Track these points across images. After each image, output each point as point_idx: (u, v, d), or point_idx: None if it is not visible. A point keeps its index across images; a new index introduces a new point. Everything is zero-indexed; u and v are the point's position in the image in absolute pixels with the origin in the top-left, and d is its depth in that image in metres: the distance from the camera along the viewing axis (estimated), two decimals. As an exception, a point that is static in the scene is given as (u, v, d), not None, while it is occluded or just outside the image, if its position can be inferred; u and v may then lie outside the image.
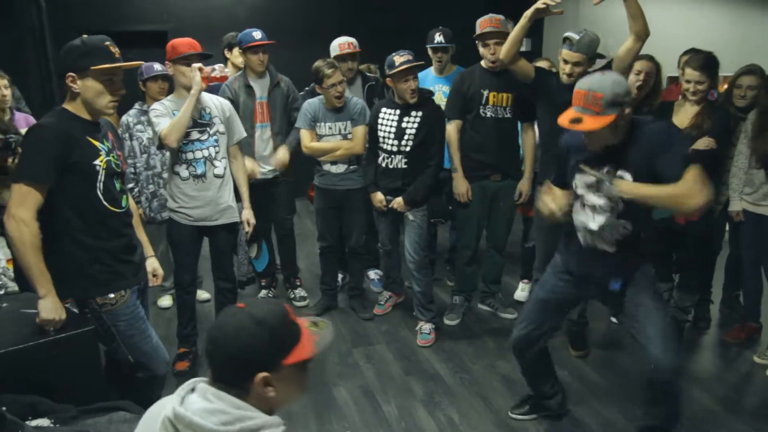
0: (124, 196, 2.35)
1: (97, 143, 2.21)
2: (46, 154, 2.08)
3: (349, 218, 3.94)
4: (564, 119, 2.21)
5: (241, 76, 3.91)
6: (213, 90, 3.95)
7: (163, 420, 1.28)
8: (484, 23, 3.54)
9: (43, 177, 2.09)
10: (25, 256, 2.08)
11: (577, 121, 2.17)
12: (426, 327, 3.79)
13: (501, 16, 3.55)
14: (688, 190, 2.05)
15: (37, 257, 2.09)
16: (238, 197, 3.41)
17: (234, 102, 3.79)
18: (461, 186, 3.72)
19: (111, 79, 2.16)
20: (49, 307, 2.13)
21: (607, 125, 2.14)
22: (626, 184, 2.19)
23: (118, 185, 2.31)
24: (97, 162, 2.18)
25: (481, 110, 3.62)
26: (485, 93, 3.58)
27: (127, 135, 3.85)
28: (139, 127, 3.86)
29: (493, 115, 3.62)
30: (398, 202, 3.63)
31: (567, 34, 3.12)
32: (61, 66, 2.15)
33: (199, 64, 3.06)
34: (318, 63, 3.63)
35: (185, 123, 3.06)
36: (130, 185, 3.84)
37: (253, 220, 3.42)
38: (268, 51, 3.85)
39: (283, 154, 3.93)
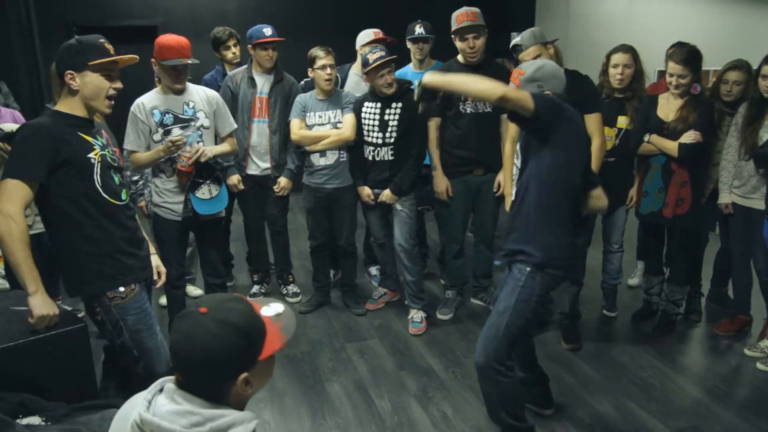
0: (124, 190, 2.35)
1: (89, 138, 2.21)
2: (33, 151, 2.08)
3: (339, 217, 3.94)
4: None
5: (245, 69, 3.89)
6: (209, 84, 3.94)
7: (131, 424, 1.25)
8: (460, 17, 3.52)
9: (31, 173, 2.08)
10: (13, 252, 2.06)
11: None
12: (417, 316, 3.84)
13: (477, 9, 3.54)
14: (493, 84, 2.27)
15: (26, 253, 2.08)
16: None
17: (234, 94, 3.79)
18: (441, 184, 3.73)
19: (108, 74, 2.20)
20: (40, 304, 2.12)
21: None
22: (428, 74, 2.43)
23: (116, 178, 2.31)
24: (91, 155, 2.19)
25: (461, 106, 3.62)
26: None
27: None
28: None
29: (473, 110, 3.62)
30: (386, 194, 3.67)
31: (512, 43, 3.20)
32: (59, 66, 2.18)
33: (177, 139, 3.06)
34: (314, 48, 3.68)
35: (148, 166, 3.24)
36: (135, 177, 3.82)
37: (210, 154, 3.22)
38: (278, 48, 3.84)
39: (285, 183, 3.97)
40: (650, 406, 2.98)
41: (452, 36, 3.59)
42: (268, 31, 3.78)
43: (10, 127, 3.30)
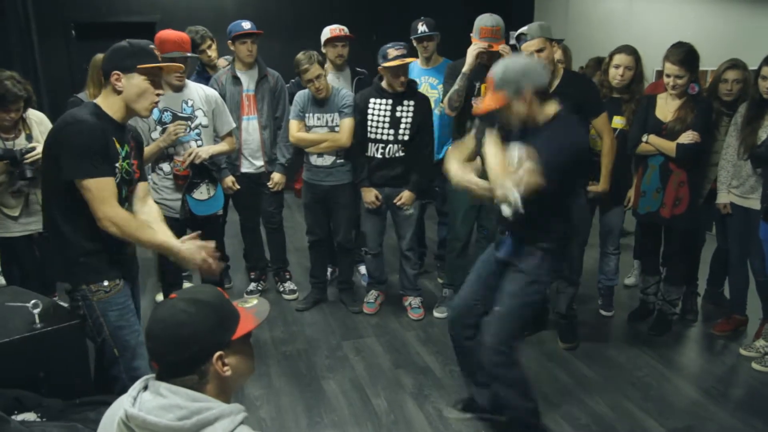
0: (126, 204, 2.35)
1: (118, 146, 2.22)
2: (96, 148, 2.11)
3: (337, 214, 3.94)
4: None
5: (229, 69, 3.89)
6: (205, 81, 3.94)
7: (117, 423, 1.25)
8: (484, 32, 3.37)
9: (104, 168, 2.12)
10: (141, 241, 2.20)
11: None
12: (415, 302, 4.00)
13: (501, 23, 3.39)
14: (494, 184, 2.26)
15: (149, 234, 2.21)
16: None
17: (221, 95, 3.78)
18: None
19: (153, 80, 2.22)
20: (190, 255, 2.22)
21: (497, 102, 2.32)
22: (454, 171, 2.46)
23: (124, 192, 2.31)
24: (116, 165, 2.21)
25: (473, 101, 3.61)
26: (477, 84, 3.57)
27: None
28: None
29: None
30: (407, 196, 3.72)
31: (518, 32, 3.17)
32: (107, 66, 2.20)
33: (180, 125, 3.12)
34: (299, 56, 3.62)
35: (149, 161, 3.16)
36: None
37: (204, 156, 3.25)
38: (257, 42, 3.82)
39: (279, 178, 3.97)
40: (646, 406, 2.98)
41: (471, 35, 3.53)
42: (246, 24, 3.76)
43: None
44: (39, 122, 3.25)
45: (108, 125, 2.18)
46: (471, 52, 3.34)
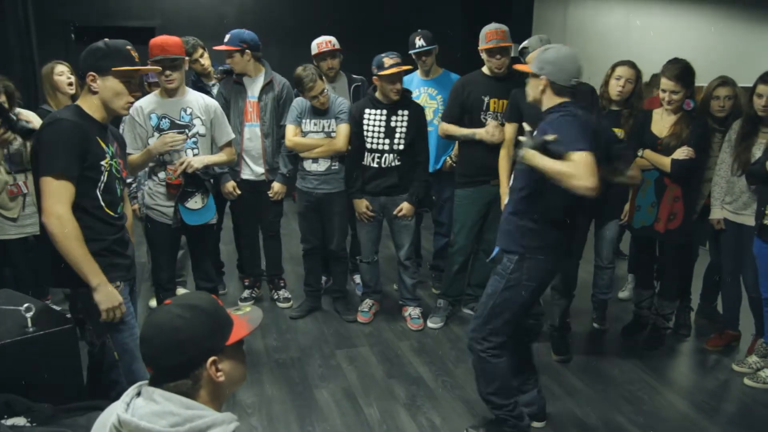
0: (121, 204, 2.36)
1: (103, 145, 2.24)
2: (71, 147, 2.11)
3: (330, 222, 3.93)
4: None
5: (235, 75, 3.89)
6: (204, 89, 3.93)
7: (110, 429, 1.26)
8: (490, 35, 3.51)
9: (72, 170, 2.11)
10: (72, 251, 2.11)
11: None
12: (415, 312, 4.00)
13: (505, 27, 3.54)
14: (575, 170, 2.20)
15: (83, 249, 2.12)
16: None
17: (227, 100, 3.79)
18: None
19: (129, 81, 2.24)
20: (105, 298, 2.17)
21: (524, 70, 2.60)
22: (528, 152, 2.35)
23: (119, 190, 2.32)
24: (103, 163, 2.22)
25: (481, 116, 3.63)
26: (486, 99, 3.61)
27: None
28: None
29: (494, 120, 3.62)
30: (406, 207, 3.74)
31: (521, 47, 3.24)
32: (83, 66, 2.21)
33: (177, 138, 3.11)
34: (300, 73, 3.60)
35: (142, 167, 3.20)
36: (129, 179, 3.81)
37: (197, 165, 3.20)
38: (235, 55, 3.75)
39: (279, 187, 3.95)
40: (638, 420, 2.98)
41: (479, 49, 3.59)
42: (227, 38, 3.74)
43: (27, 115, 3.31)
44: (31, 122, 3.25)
45: (90, 125, 2.20)
46: (487, 136, 3.53)
